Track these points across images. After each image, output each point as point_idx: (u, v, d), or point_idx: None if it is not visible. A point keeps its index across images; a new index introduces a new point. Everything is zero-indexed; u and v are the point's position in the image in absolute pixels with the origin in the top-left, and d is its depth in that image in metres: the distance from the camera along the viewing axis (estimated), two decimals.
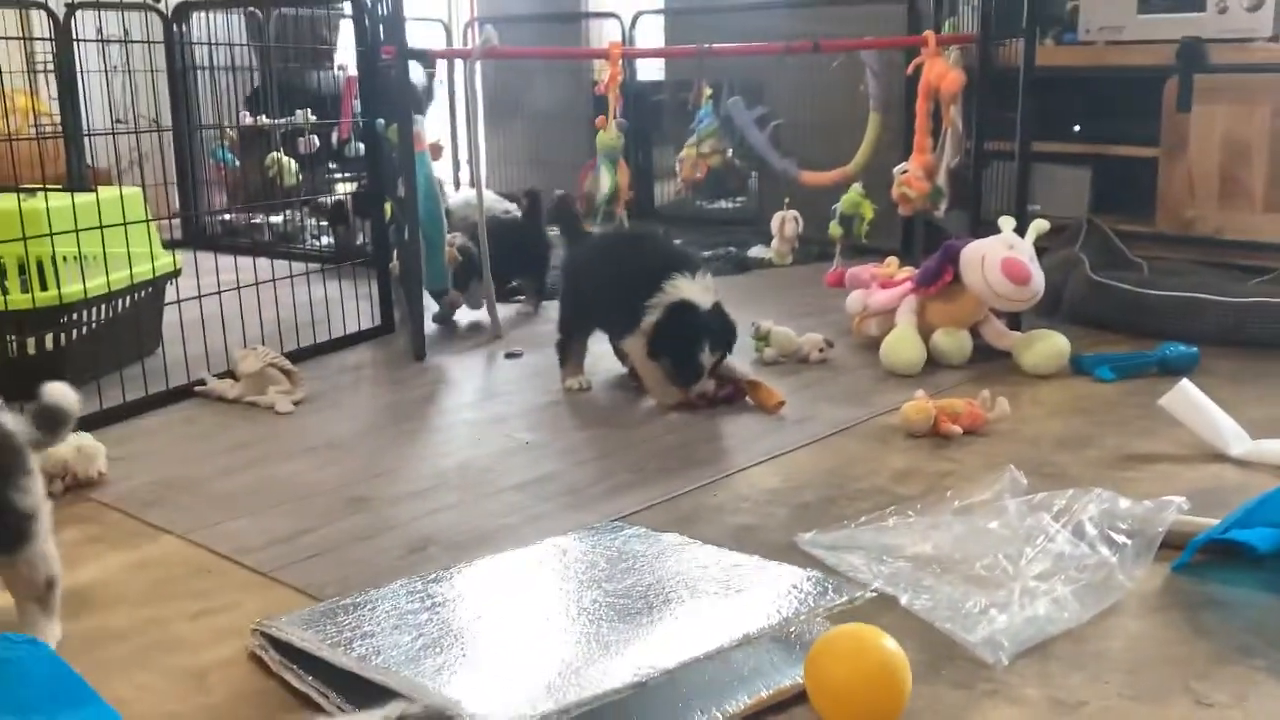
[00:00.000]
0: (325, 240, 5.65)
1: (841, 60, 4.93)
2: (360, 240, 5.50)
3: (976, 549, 2.03)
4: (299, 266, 4.18)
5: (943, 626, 1.81)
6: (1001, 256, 3.37)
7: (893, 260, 3.97)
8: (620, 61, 4.18)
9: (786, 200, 5.29)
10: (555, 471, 2.66)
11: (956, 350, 3.47)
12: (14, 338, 3.17)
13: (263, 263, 3.64)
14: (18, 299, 3.20)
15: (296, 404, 3.21)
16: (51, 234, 3.08)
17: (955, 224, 4.42)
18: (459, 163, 7.00)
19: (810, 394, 3.23)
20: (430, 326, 4.01)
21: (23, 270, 3.27)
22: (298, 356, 3.56)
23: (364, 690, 1.62)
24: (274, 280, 3.61)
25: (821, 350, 3.56)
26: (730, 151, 6.36)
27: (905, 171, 4.33)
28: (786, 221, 5.27)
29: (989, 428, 2.85)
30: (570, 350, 3.40)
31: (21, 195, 3.22)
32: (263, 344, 3.44)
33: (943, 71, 4.10)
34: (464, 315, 4.29)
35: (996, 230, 3.50)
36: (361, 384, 3.55)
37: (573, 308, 3.44)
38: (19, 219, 2.98)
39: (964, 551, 2.03)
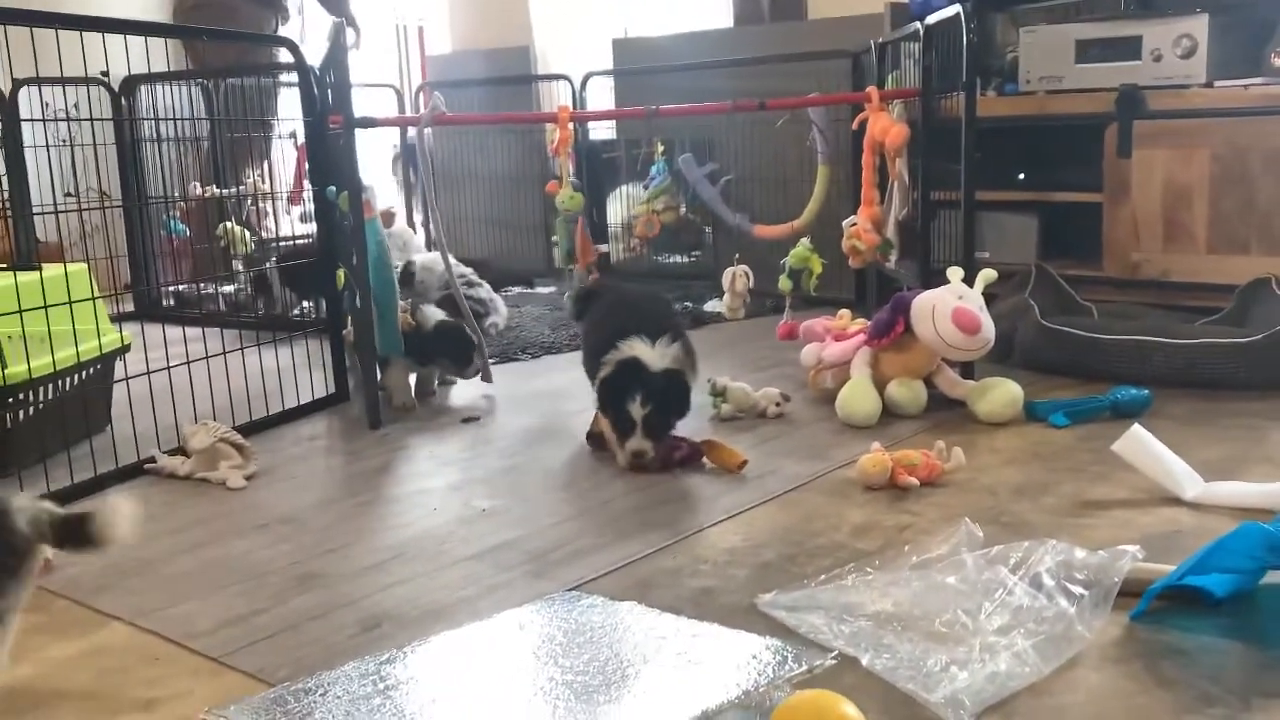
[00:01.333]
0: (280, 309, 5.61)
1: (787, 118, 4.99)
2: (286, 310, 5.48)
3: (936, 605, 2.02)
4: (252, 337, 4.14)
5: (905, 687, 1.79)
6: (952, 307, 3.40)
7: (845, 313, 4.00)
8: (570, 124, 4.21)
9: (736, 256, 5.33)
10: (514, 539, 2.63)
11: (911, 401, 3.49)
12: None
13: (214, 333, 3.61)
14: None
15: (249, 478, 3.16)
16: None
17: (906, 275, 4.46)
18: (415, 226, 7.01)
19: (768, 449, 3.22)
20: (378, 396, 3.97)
21: None
22: (250, 429, 3.52)
23: None
24: (224, 353, 3.58)
25: (778, 405, 3.56)
26: (683, 208, 6.42)
27: (854, 224, 4.37)
28: (737, 277, 5.30)
29: (946, 478, 2.85)
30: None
31: None
32: (214, 418, 3.39)
33: (886, 126, 4.15)
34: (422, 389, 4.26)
35: (946, 280, 3.53)
36: (315, 455, 3.50)
37: (584, 361, 3.49)
38: None
39: (923, 608, 2.02)
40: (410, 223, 7.13)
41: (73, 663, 2.13)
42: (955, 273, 3.53)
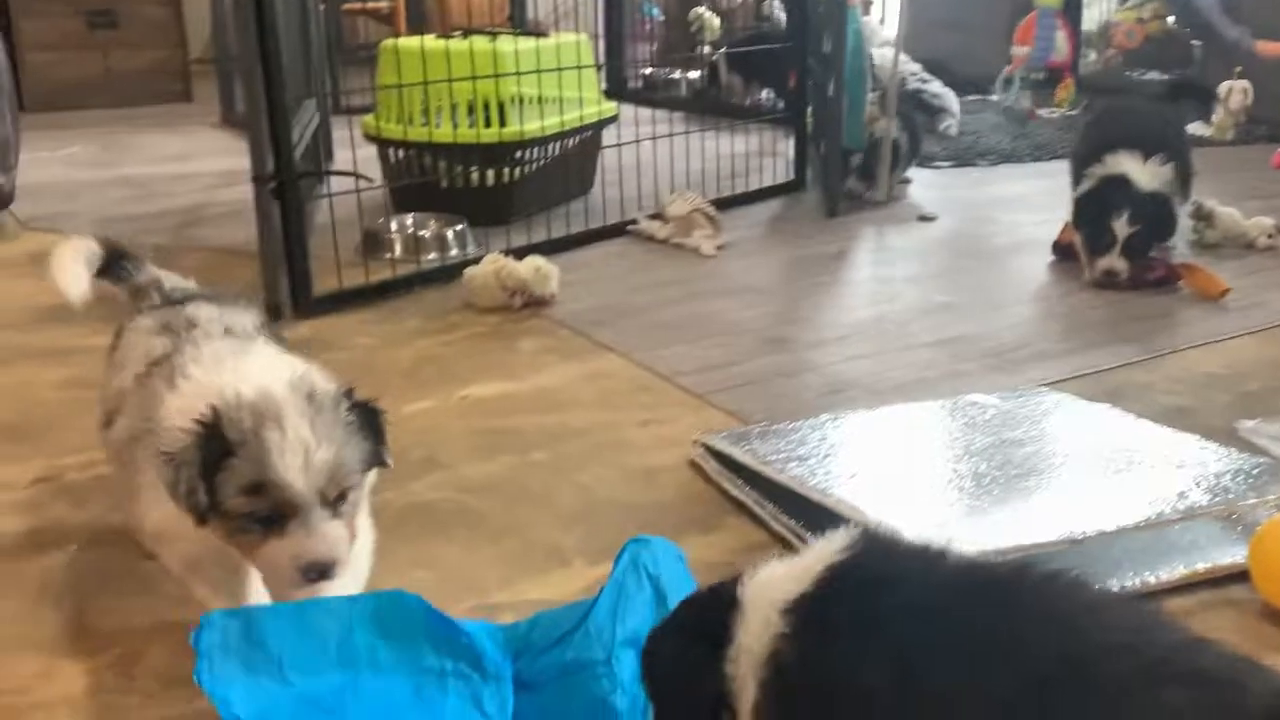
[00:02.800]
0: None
1: None
2: (738, 97, 5.56)
3: None
4: (713, 121, 4.32)
5: None
6: None
7: None
8: None
9: (1238, 69, 4.82)
10: (974, 333, 2.67)
11: None
12: (470, 170, 3.52)
13: (678, 117, 3.82)
14: (467, 134, 3.53)
15: (719, 248, 3.38)
16: (518, 73, 3.39)
17: None
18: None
19: (1256, 281, 3.01)
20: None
21: (471, 110, 3.57)
22: (715, 205, 3.73)
23: (799, 506, 1.76)
24: (687, 133, 3.80)
25: (1270, 236, 3.28)
26: (1172, 18, 5.86)
27: None
28: (1235, 92, 4.81)
29: None
30: None
31: (485, 37, 3.55)
32: (688, 190, 3.63)
33: None
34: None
35: None
36: (776, 236, 3.67)
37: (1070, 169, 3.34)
38: (486, 58, 3.30)
39: None
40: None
41: (579, 381, 2.45)
42: None
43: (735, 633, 0.99)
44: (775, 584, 1.00)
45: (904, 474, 1.83)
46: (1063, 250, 3.21)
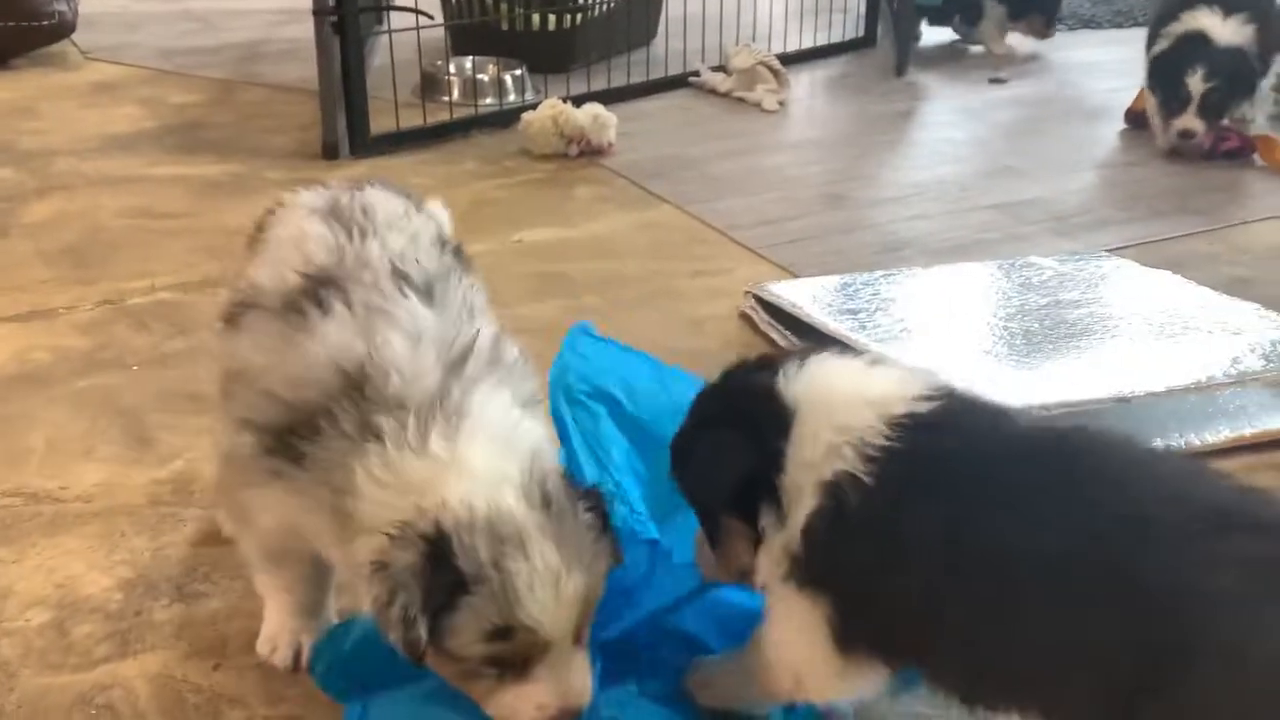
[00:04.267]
0: None
1: None
2: None
3: None
4: None
5: None
6: None
7: None
8: None
9: None
10: (1038, 198, 2.62)
11: None
12: (531, 12, 3.45)
13: None
14: None
15: (781, 103, 3.31)
16: None
17: None
18: None
19: None
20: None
21: None
22: (781, 60, 3.64)
23: None
24: None
25: None
26: None
27: None
28: None
29: None
30: None
31: None
32: (753, 43, 3.54)
33: None
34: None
35: None
36: (842, 92, 3.59)
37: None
38: None
39: None
40: None
41: (633, 230, 2.44)
42: None
43: (789, 437, 0.98)
44: (846, 407, 0.98)
45: (955, 330, 1.83)
46: (1135, 118, 3.11)
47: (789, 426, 0.98)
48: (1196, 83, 2.79)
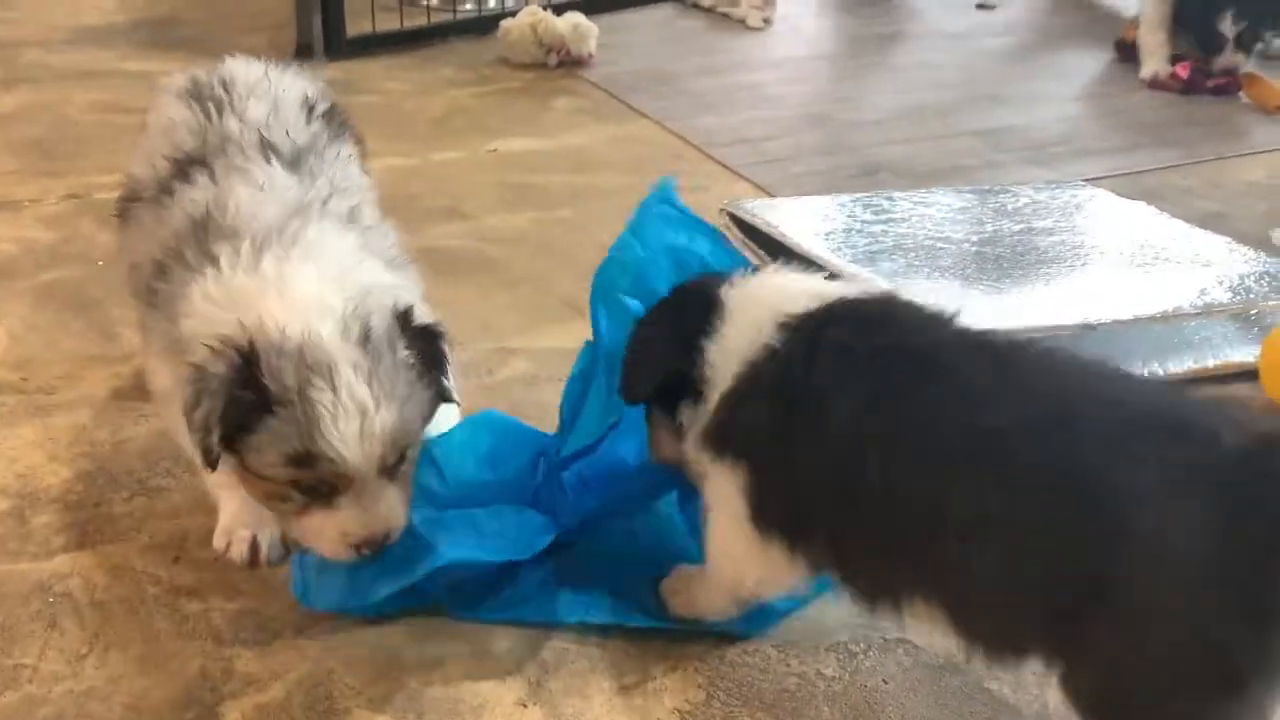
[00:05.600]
0: None
1: None
2: None
3: None
4: None
5: None
6: None
7: None
8: None
9: None
10: (1018, 125, 2.60)
11: None
12: None
13: None
14: None
15: (766, 21, 3.27)
16: None
17: None
18: None
19: None
20: None
21: None
22: None
23: None
24: None
25: None
26: None
27: None
28: None
29: None
30: None
31: None
32: None
33: None
34: None
35: None
36: (829, 12, 3.55)
37: None
38: None
39: None
40: None
41: (611, 142, 2.42)
42: None
43: (716, 325, 1.02)
44: (777, 295, 1.02)
45: (926, 254, 1.82)
46: (1124, 49, 3.08)
47: (718, 323, 1.03)
48: (1228, 25, 2.78)
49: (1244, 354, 1.62)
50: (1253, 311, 1.67)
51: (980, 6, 3.60)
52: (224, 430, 1.02)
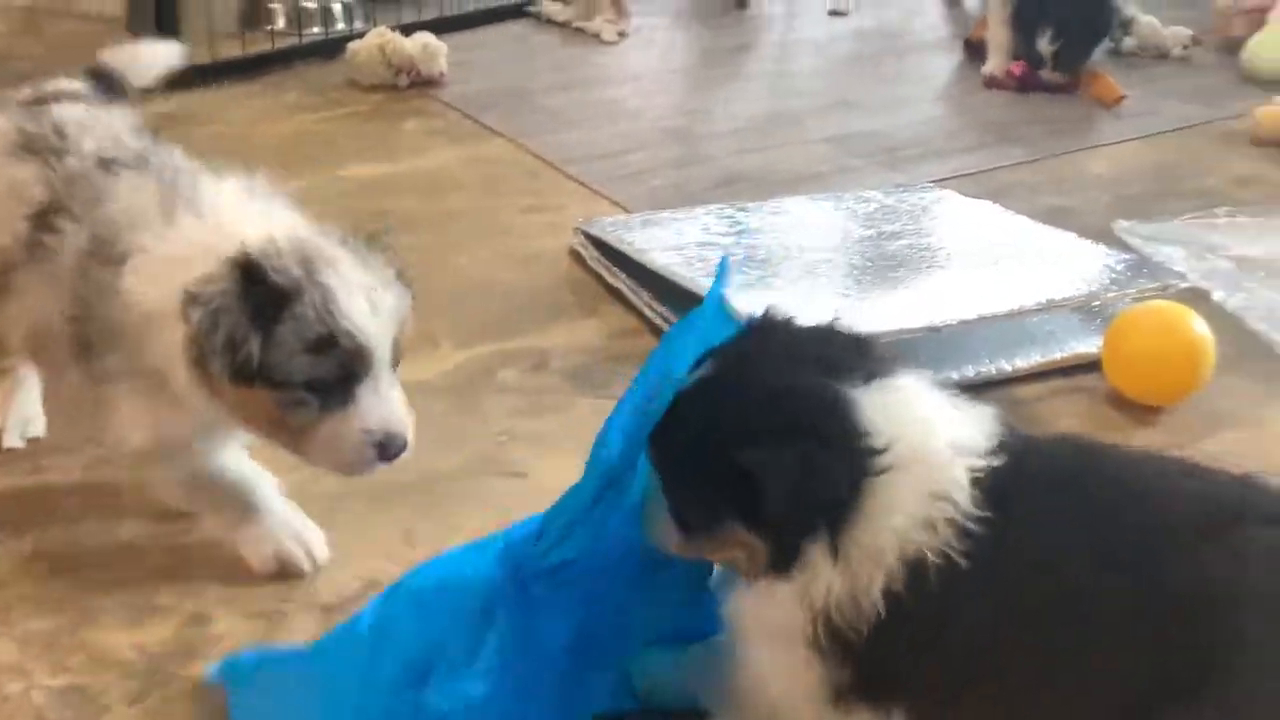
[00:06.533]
0: None
1: None
2: None
3: None
4: None
5: (1255, 326, 1.75)
6: None
7: None
8: None
9: None
10: (869, 130, 2.64)
11: None
12: None
13: None
14: None
15: (621, 34, 3.26)
16: None
17: None
18: None
19: (1157, 89, 2.99)
20: None
21: None
22: None
23: (672, 295, 1.75)
24: None
25: (1185, 47, 3.24)
26: None
27: None
28: None
29: None
30: None
31: None
32: None
33: None
34: None
35: None
36: (682, 25, 3.55)
37: None
38: None
39: None
40: None
41: (464, 163, 2.38)
42: None
43: (880, 459, 0.82)
44: (939, 461, 0.83)
45: (777, 264, 1.83)
46: (973, 48, 3.15)
47: (877, 464, 0.82)
48: (1045, 44, 2.84)
49: (1088, 345, 1.66)
50: (1095, 303, 1.71)
51: (833, 13, 3.65)
52: (260, 335, 1.01)
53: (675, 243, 1.88)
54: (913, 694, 0.84)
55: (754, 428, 0.82)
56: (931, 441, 0.83)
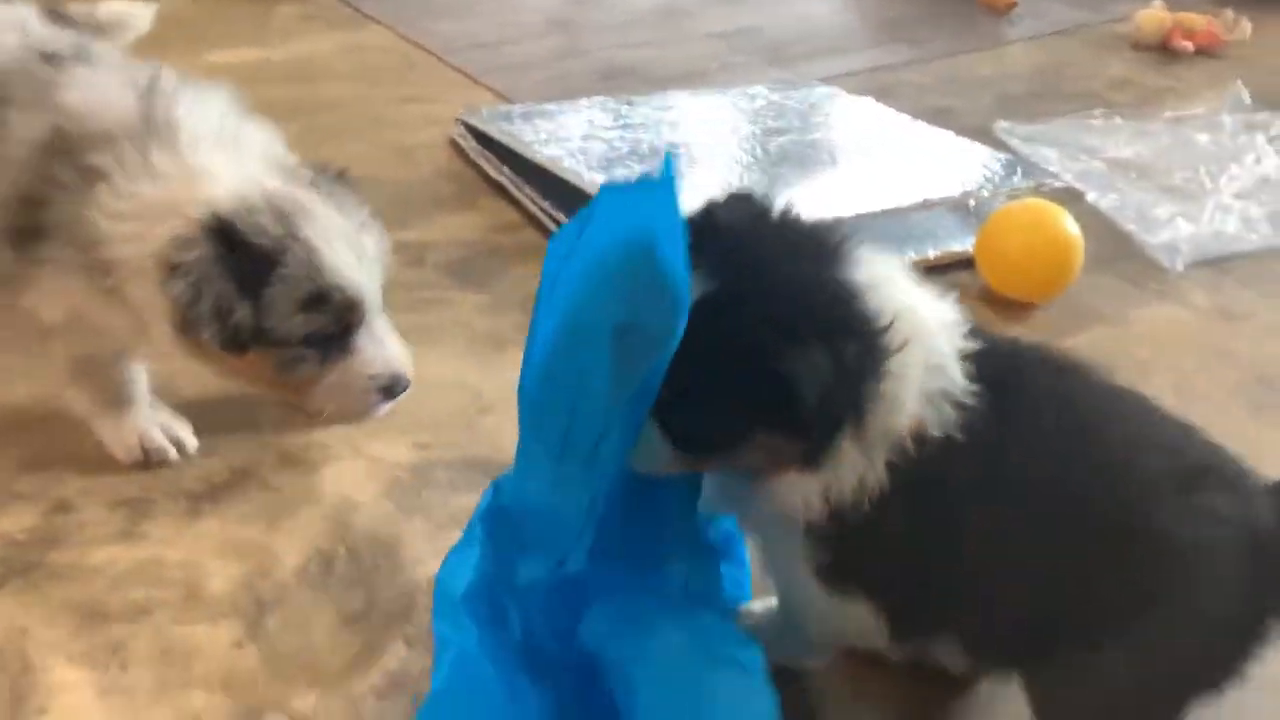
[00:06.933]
0: None
1: None
2: None
3: (1179, 160, 1.97)
4: None
5: (1126, 227, 1.80)
6: None
7: None
8: None
9: None
10: (759, 26, 2.61)
11: None
12: None
13: None
14: None
15: None
16: None
17: None
18: None
19: None
20: None
21: None
22: None
23: (553, 188, 1.72)
24: None
25: None
26: None
27: None
28: None
29: (1224, 50, 2.64)
30: None
31: None
32: None
33: None
34: None
35: None
36: None
37: None
38: None
39: (1166, 161, 1.97)
40: None
41: (340, 52, 2.29)
42: None
43: (891, 340, 0.81)
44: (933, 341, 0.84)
45: (661, 159, 1.80)
46: None
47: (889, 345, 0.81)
48: None
49: (963, 243, 1.68)
50: (971, 202, 1.73)
51: None
52: (251, 300, 0.98)
53: (558, 135, 1.85)
54: (904, 570, 0.85)
55: (779, 332, 0.79)
56: (922, 318, 0.84)
